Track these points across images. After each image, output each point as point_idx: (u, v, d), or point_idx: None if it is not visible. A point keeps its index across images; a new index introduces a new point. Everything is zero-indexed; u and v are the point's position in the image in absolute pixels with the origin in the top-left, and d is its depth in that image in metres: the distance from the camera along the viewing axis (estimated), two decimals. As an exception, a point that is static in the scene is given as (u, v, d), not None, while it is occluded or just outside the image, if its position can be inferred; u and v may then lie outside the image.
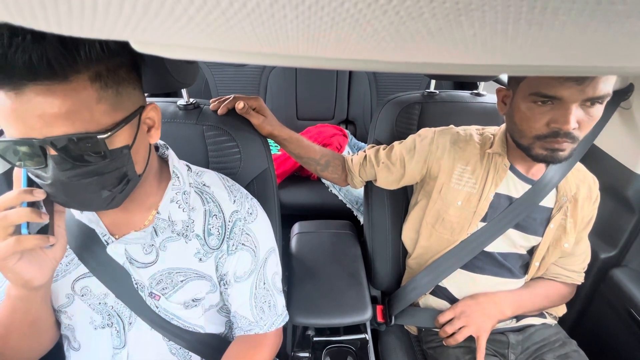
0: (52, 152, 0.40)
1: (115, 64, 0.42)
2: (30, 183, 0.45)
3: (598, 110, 0.59)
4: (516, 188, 0.74)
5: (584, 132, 0.61)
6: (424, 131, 0.81)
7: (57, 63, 0.36)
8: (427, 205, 0.80)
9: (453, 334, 0.76)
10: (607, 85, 0.57)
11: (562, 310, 0.85)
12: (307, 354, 0.80)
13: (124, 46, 0.42)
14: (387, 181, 0.84)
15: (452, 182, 0.76)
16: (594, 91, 0.56)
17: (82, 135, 0.40)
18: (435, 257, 0.81)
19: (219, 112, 0.75)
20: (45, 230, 0.46)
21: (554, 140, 0.61)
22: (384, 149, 0.84)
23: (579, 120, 0.59)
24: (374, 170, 0.84)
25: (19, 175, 0.45)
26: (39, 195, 0.44)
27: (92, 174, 0.43)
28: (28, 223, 0.44)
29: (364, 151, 0.87)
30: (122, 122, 0.43)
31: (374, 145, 0.88)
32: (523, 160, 0.73)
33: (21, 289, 0.47)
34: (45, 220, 0.45)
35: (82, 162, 0.42)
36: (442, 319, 0.78)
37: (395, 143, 0.83)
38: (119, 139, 0.44)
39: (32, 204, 0.44)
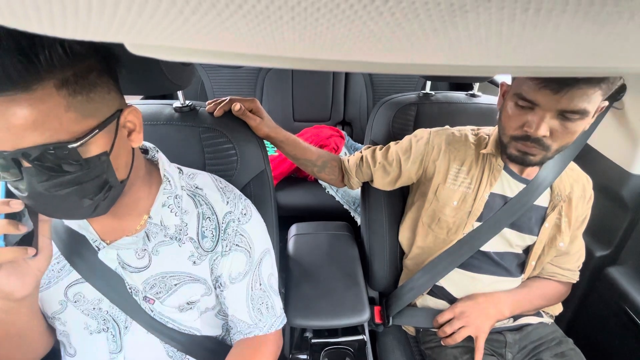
0: (25, 164, 0.39)
1: (83, 68, 0.40)
2: (9, 194, 0.43)
3: (577, 125, 0.59)
4: (511, 188, 0.75)
5: (558, 142, 0.62)
6: (420, 132, 0.82)
7: (16, 72, 0.34)
8: (423, 205, 0.81)
9: (452, 333, 0.76)
10: (584, 102, 0.57)
11: (558, 309, 0.86)
12: (305, 356, 0.80)
13: (92, 48, 0.40)
14: (384, 182, 0.84)
15: (447, 183, 0.77)
16: (568, 103, 0.57)
17: (52, 145, 0.38)
18: (431, 257, 0.81)
19: (215, 114, 0.74)
20: (29, 239, 0.45)
21: (524, 143, 0.63)
22: (380, 150, 0.84)
23: (553, 129, 0.60)
24: (371, 171, 0.84)
25: None
26: (16, 206, 0.42)
27: (69, 184, 0.41)
28: (5, 235, 0.43)
29: (361, 152, 0.87)
30: (95, 128, 0.41)
31: (370, 146, 0.88)
32: None
33: (3, 301, 0.46)
34: (23, 231, 0.43)
35: (58, 173, 0.40)
36: (441, 319, 0.78)
37: (392, 143, 0.84)
38: (95, 146, 0.42)
39: (13, 215, 0.43)
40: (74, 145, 0.39)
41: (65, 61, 0.37)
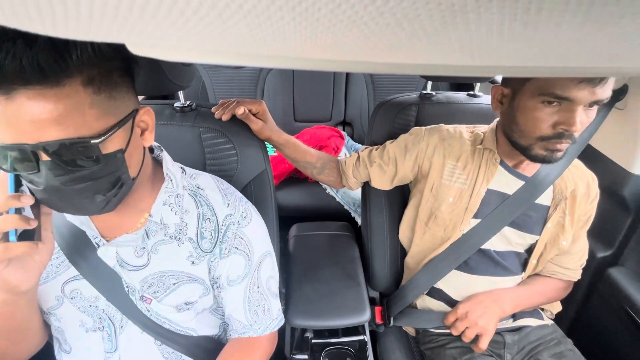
0: (44, 157, 0.39)
1: (108, 67, 0.41)
2: (17, 187, 0.44)
3: (594, 112, 0.60)
4: (509, 184, 0.75)
5: (580, 132, 0.61)
6: (415, 130, 0.82)
7: (49, 67, 0.36)
8: (419, 203, 0.81)
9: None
10: (611, 88, 0.58)
11: (557, 307, 0.85)
12: (305, 356, 0.79)
13: (116, 49, 0.41)
14: (381, 181, 0.84)
15: (443, 179, 0.77)
16: (602, 93, 0.56)
17: (75, 140, 0.39)
18: (431, 256, 0.81)
19: (224, 118, 0.74)
20: (31, 233, 0.45)
21: (557, 141, 0.61)
22: (376, 149, 0.84)
23: (581, 121, 0.59)
24: (368, 171, 0.84)
25: (4, 180, 0.44)
26: (28, 201, 0.43)
27: (85, 179, 0.42)
28: (16, 229, 0.43)
29: (357, 153, 0.87)
30: (115, 126, 0.43)
31: (367, 146, 0.88)
32: (511, 156, 0.73)
33: (7, 294, 0.47)
34: (34, 226, 0.44)
35: (75, 167, 0.41)
36: (447, 322, 0.78)
37: (387, 142, 0.84)
38: (113, 144, 0.43)
39: (18, 209, 0.43)
40: (96, 141, 0.40)
41: (93, 60, 0.39)
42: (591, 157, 0.90)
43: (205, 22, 0.13)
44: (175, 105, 0.76)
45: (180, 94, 0.75)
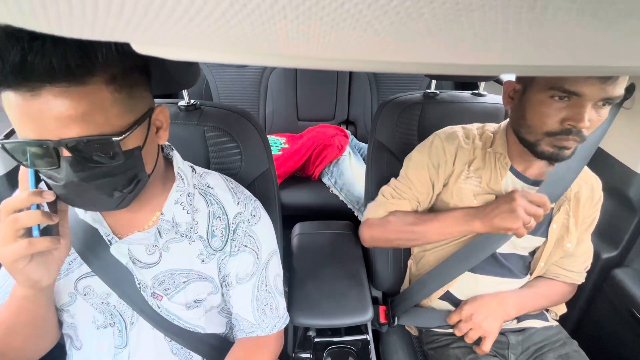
0: (65, 153, 0.40)
1: (128, 66, 0.42)
2: (37, 184, 0.44)
3: (606, 111, 0.59)
4: (515, 187, 0.74)
5: (590, 131, 0.60)
6: (432, 145, 0.78)
7: (76, 66, 0.37)
8: (439, 207, 0.79)
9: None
10: (623, 87, 0.56)
11: (562, 309, 0.85)
12: (308, 355, 0.80)
13: None
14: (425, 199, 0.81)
15: (459, 183, 0.76)
16: (613, 91, 0.55)
17: (97, 137, 0.40)
18: (440, 256, 0.80)
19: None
20: (49, 229, 0.46)
21: (564, 137, 0.60)
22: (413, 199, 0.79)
23: (591, 119, 0.58)
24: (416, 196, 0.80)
25: (25, 176, 0.45)
26: (49, 197, 0.44)
27: (104, 175, 0.43)
28: (39, 225, 0.44)
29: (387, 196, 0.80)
30: (134, 124, 0.44)
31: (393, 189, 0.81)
32: (521, 158, 0.72)
33: (28, 289, 0.48)
34: (56, 221, 0.45)
35: (96, 164, 0.42)
36: (450, 321, 0.78)
37: (415, 183, 0.78)
38: (131, 141, 0.44)
39: (38, 205, 0.44)
40: (117, 138, 0.41)
41: (116, 59, 0.40)
42: (597, 157, 0.89)
43: (208, 21, 0.13)
44: (180, 104, 0.77)
45: (185, 92, 0.76)
